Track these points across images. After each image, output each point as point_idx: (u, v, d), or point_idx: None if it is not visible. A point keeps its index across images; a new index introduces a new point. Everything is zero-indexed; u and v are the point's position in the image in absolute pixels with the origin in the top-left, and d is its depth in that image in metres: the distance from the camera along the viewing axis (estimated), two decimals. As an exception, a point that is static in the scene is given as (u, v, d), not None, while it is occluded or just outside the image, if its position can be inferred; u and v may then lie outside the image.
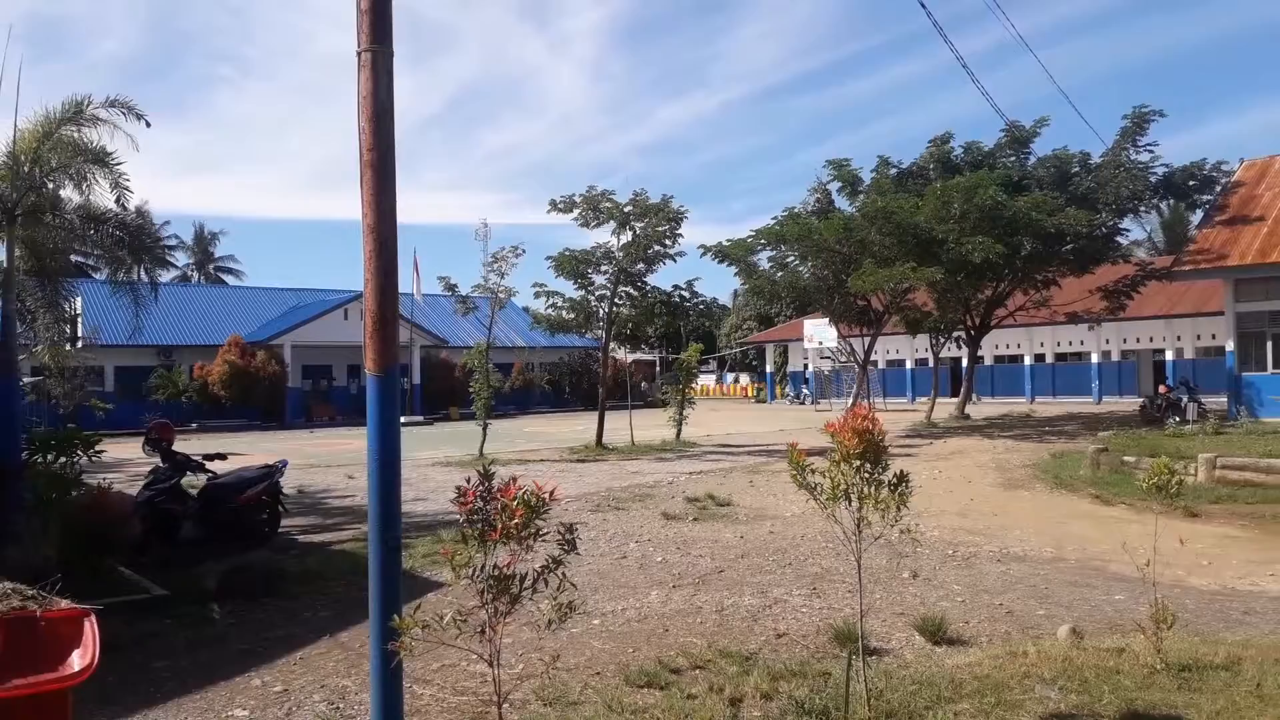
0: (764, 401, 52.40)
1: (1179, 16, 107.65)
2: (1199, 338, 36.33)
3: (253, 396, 35.70)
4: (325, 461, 19.68)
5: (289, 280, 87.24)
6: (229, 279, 66.65)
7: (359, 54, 4.02)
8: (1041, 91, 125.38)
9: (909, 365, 45.04)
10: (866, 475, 4.58)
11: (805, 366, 48.48)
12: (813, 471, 4.68)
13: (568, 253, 21.50)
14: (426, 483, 15.16)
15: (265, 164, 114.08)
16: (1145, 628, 5.33)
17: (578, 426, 29.36)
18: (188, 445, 11.60)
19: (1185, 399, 22.49)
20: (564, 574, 3.90)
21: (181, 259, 67.62)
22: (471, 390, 20.54)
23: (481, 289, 20.36)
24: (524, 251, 19.81)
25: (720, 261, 27.13)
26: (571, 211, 21.21)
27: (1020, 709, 4.63)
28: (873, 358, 32.43)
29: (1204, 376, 31.76)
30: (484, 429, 19.85)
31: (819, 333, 35.42)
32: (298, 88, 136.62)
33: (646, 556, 9.15)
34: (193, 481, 10.19)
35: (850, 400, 27.74)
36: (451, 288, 20.77)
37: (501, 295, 20.25)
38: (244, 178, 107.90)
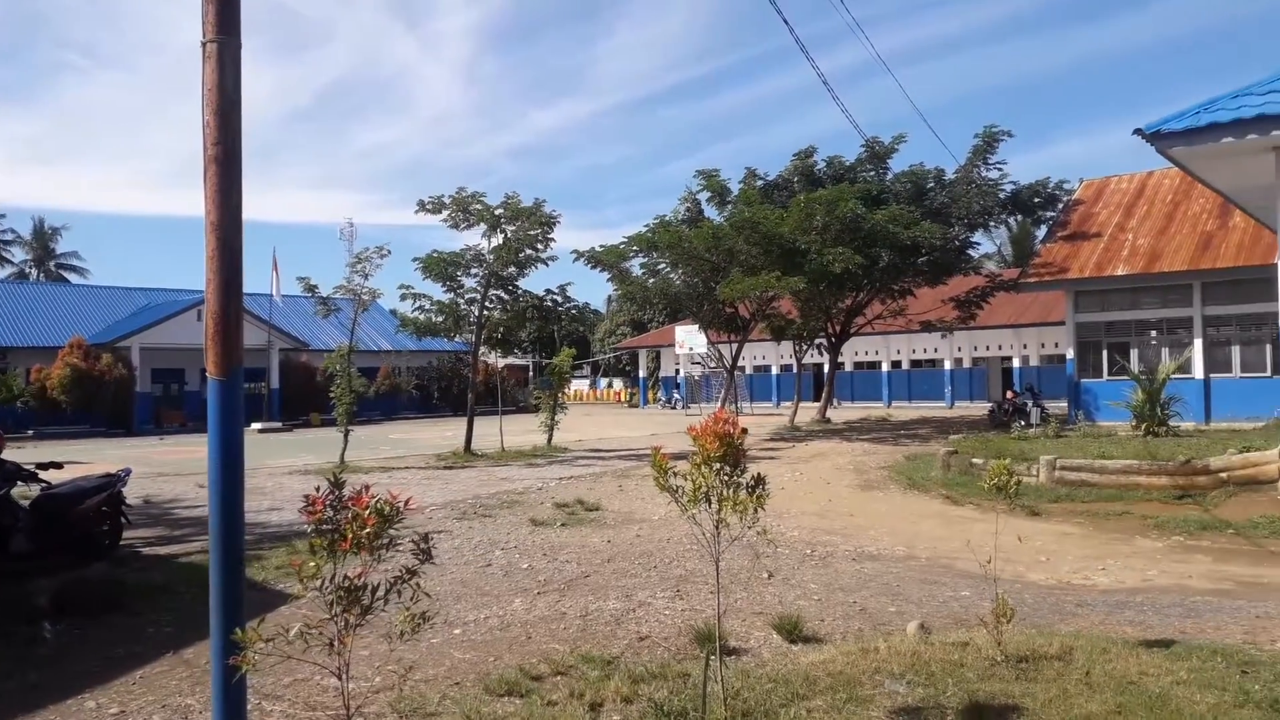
0: (637, 406, 52.83)
1: (1027, 45, 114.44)
2: (1043, 346, 38.62)
3: (97, 402, 33.60)
4: (175, 470, 18.69)
5: (142, 280, 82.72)
6: (72, 277, 62.69)
7: (204, 45, 3.84)
8: (901, 109, 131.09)
9: (775, 371, 46.19)
10: (726, 478, 4.64)
11: (677, 372, 49.11)
12: (675, 475, 4.72)
13: (436, 255, 21.12)
14: (283, 491, 14.59)
15: (119, 157, 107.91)
16: (987, 622, 5.59)
17: (447, 432, 28.86)
18: (21, 454, 10.81)
19: (1030, 404, 23.87)
20: (418, 584, 3.82)
21: (19, 255, 63.20)
22: (333, 395, 19.89)
23: (344, 290, 19.77)
24: (389, 252, 19.34)
25: (593, 267, 27.22)
26: (441, 213, 20.85)
27: (870, 704, 4.78)
28: (740, 363, 33.13)
29: (1047, 382, 33.81)
30: (345, 435, 19.26)
31: (690, 339, 35.86)
32: (157, 79, 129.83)
33: (512, 564, 9.05)
34: (25, 492, 9.49)
35: (719, 405, 28.22)
36: (311, 288, 20.08)
37: (365, 297, 19.70)
38: (95, 171, 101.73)
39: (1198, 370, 23.67)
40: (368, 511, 3.63)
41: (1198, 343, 23.80)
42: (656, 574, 8.48)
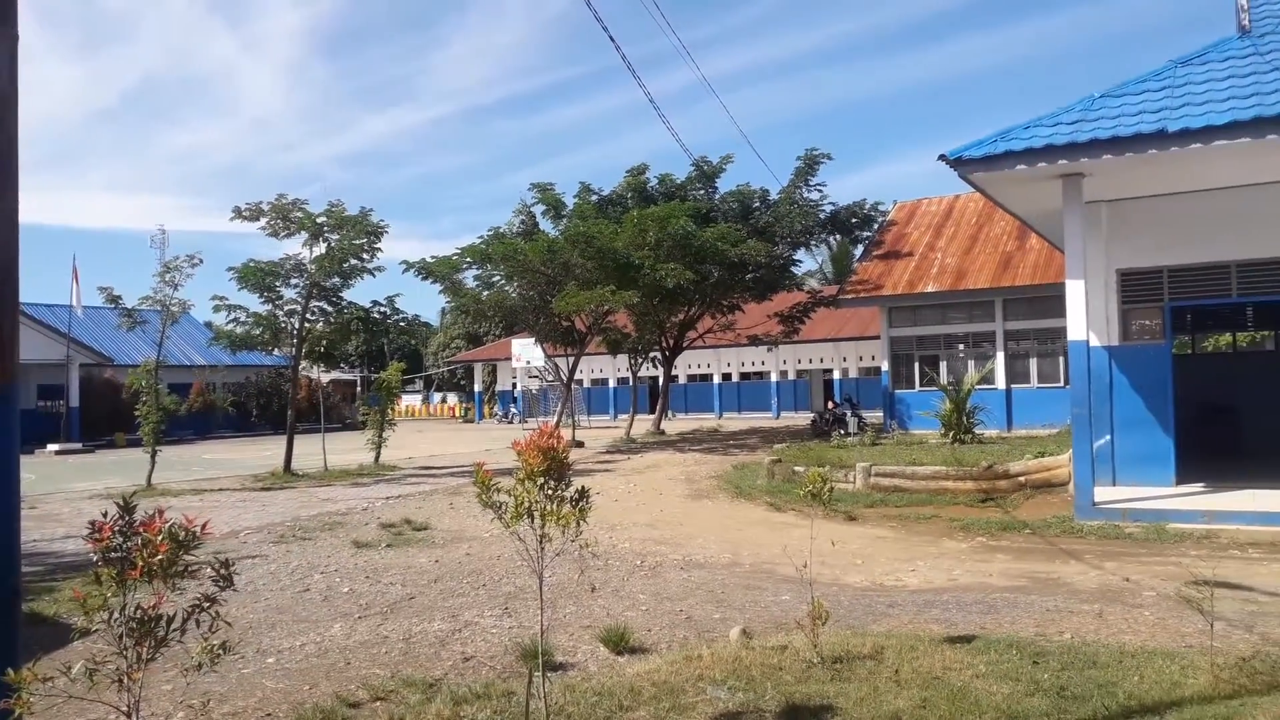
0: (472, 421, 52.01)
1: (845, 73, 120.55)
2: (861, 359, 40.60)
3: None
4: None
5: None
6: None
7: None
8: (728, 130, 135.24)
9: (612, 384, 46.56)
10: (550, 492, 4.62)
11: (514, 386, 48.70)
12: (498, 491, 4.66)
13: (253, 264, 20.13)
14: (80, 518, 13.47)
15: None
16: (804, 625, 5.80)
17: (265, 452, 27.50)
18: None
19: (849, 413, 25.02)
20: (218, 612, 3.60)
21: None
22: (139, 413, 18.58)
23: (152, 301, 18.53)
24: (201, 261, 18.28)
25: (425, 279, 26.65)
26: (259, 220, 19.88)
27: (692, 711, 4.86)
28: (578, 377, 33.21)
29: (865, 393, 35.53)
30: (153, 456, 18.03)
31: (526, 352, 35.64)
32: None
33: (332, 587, 8.70)
34: None
35: (555, 419, 28.17)
36: (115, 299, 18.72)
37: (174, 309, 18.54)
38: None
39: (1000, 381, 25.50)
40: (160, 537, 3.40)
41: (999, 355, 25.67)
42: (485, 592, 8.35)
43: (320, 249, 20.28)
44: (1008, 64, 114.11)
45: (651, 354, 32.21)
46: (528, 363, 33.08)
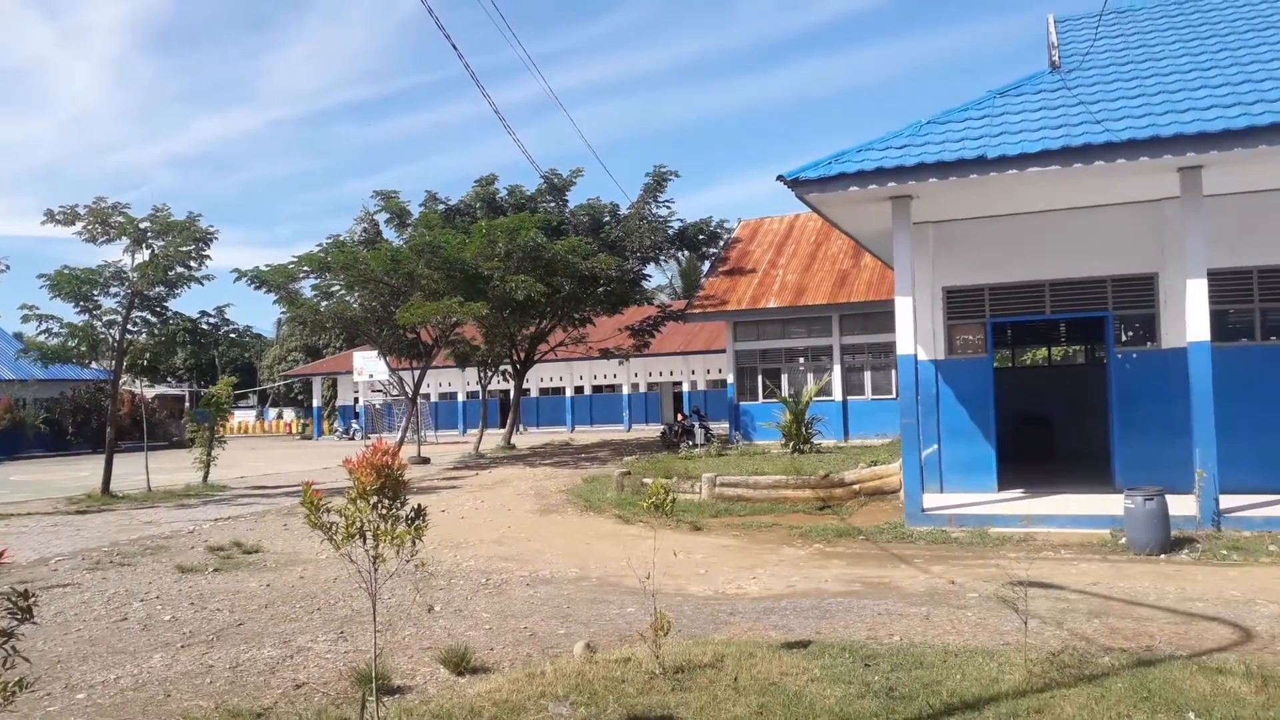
0: (311, 438, 50.03)
1: (693, 92, 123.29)
2: (709, 371, 41.49)
3: None
4: None
5: None
6: None
7: None
8: (581, 144, 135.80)
9: (461, 398, 45.81)
10: (384, 511, 4.47)
11: (356, 400, 47.18)
12: (328, 511, 4.48)
13: (67, 271, 18.73)
14: None
15: None
16: (648, 637, 5.83)
17: (82, 472, 25.60)
18: None
19: (697, 425, 25.49)
20: (14, 648, 3.31)
21: None
22: (-67, 432, 16.95)
23: (-52, 310, 16.96)
24: (7, 268, 16.89)
25: (259, 288, 25.45)
26: (74, 224, 18.53)
27: (533, 729, 4.79)
28: (424, 391, 32.51)
29: (712, 405, 36.32)
30: (-50, 479, 16.49)
31: (369, 365, 34.72)
32: None
33: (153, 615, 8.16)
34: None
35: (400, 434, 27.44)
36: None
37: (-24, 318, 17.02)
38: None
39: (837, 393, 26.55)
40: (-62, 569, 3.10)
41: (836, 369, 26.74)
42: (319, 616, 8.01)
43: (143, 256, 19.08)
44: (847, 88, 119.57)
45: (502, 367, 31.90)
46: (370, 376, 32.22)
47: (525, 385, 37.68)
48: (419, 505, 4.53)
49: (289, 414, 61.58)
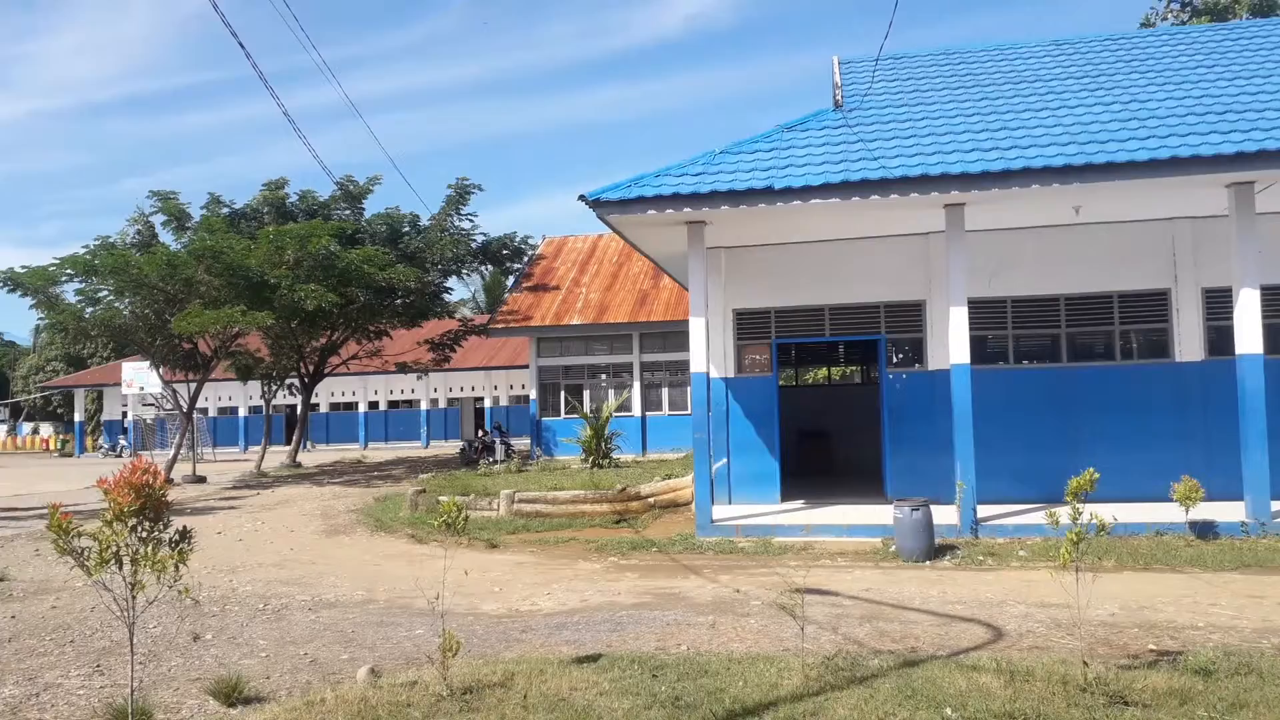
0: (72, 455, 45.75)
1: (499, 107, 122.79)
2: (512, 387, 41.27)
3: None
4: None
5: None
6: None
7: None
8: (380, 153, 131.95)
9: (243, 413, 43.28)
10: (145, 534, 4.15)
11: (125, 414, 43.58)
12: (79, 535, 4.11)
13: None
14: None
15: None
16: (435, 658, 5.70)
17: None
18: None
19: (498, 441, 25.25)
20: None
21: None
22: None
23: None
24: None
25: (13, 291, 23.06)
26: None
27: (309, 761, 4.57)
28: (202, 404, 30.47)
29: (515, 421, 36.15)
30: None
31: (140, 377, 32.06)
32: None
33: None
34: None
35: (173, 451, 25.57)
36: None
37: None
38: None
39: (637, 409, 27.09)
40: None
41: (636, 385, 27.30)
42: (73, 649, 7.32)
43: None
44: (649, 114, 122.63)
45: (289, 380, 30.42)
46: (141, 389, 29.81)
47: (315, 400, 36.13)
48: (185, 527, 4.24)
49: (46, 429, 56.10)
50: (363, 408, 42.96)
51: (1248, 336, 10.78)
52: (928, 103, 13.31)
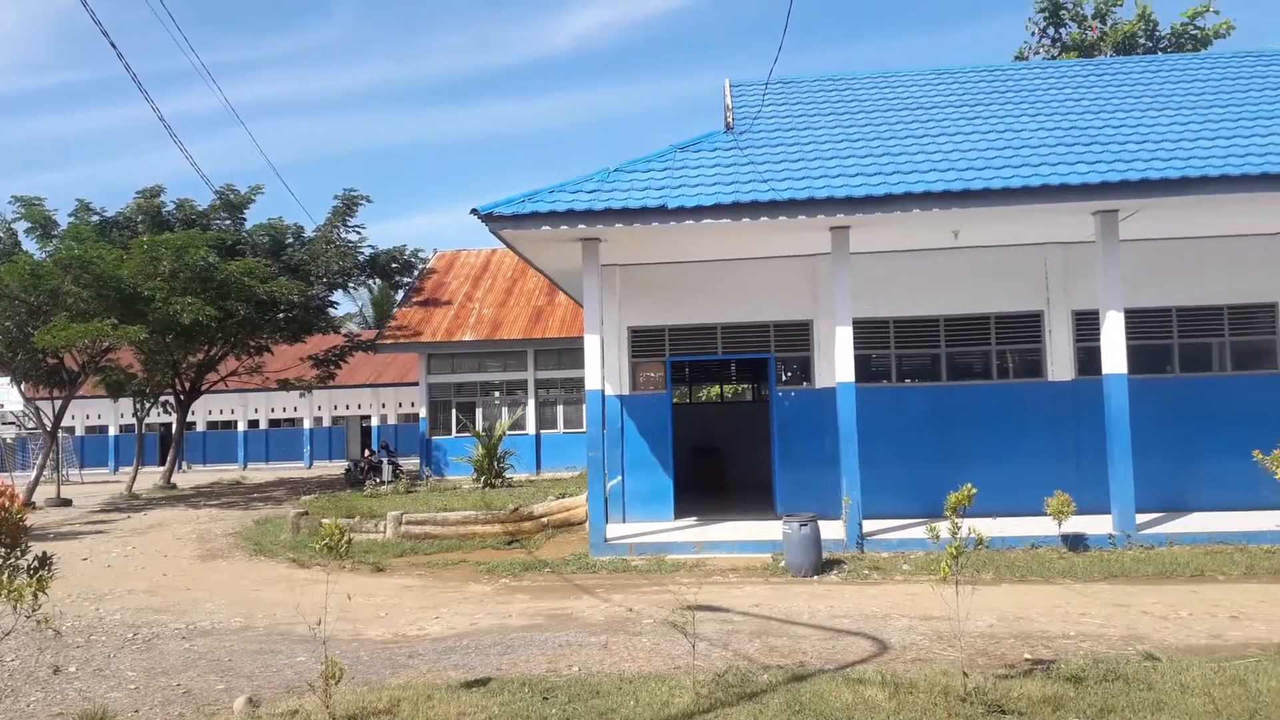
0: (-84, 478, 42.71)
1: (389, 116, 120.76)
2: (401, 405, 40.46)
3: None
4: None
5: None
6: None
7: None
8: (261, 160, 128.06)
9: (113, 432, 41.20)
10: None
11: (-21, 434, 40.93)
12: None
13: None
14: None
15: None
16: (317, 686, 5.53)
17: None
18: None
19: (385, 461, 24.71)
20: None
21: None
22: None
23: None
24: None
25: None
26: None
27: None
28: (68, 423, 28.88)
29: (405, 440, 35.47)
30: None
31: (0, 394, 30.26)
32: None
33: None
34: None
35: (36, 473, 24.12)
36: None
37: None
38: None
39: (531, 427, 26.93)
40: None
41: (531, 403, 27.14)
42: (-84, 689, 6.81)
43: None
44: (542, 129, 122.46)
45: (163, 398, 29.12)
46: (1, 406, 28.10)
47: (191, 418, 34.74)
48: (45, 553, 4.01)
49: (-112, 450, 52.17)
50: (242, 426, 41.44)
51: (1113, 357, 11.44)
52: (815, 127, 13.72)
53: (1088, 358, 13.35)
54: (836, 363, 11.77)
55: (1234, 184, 10.69)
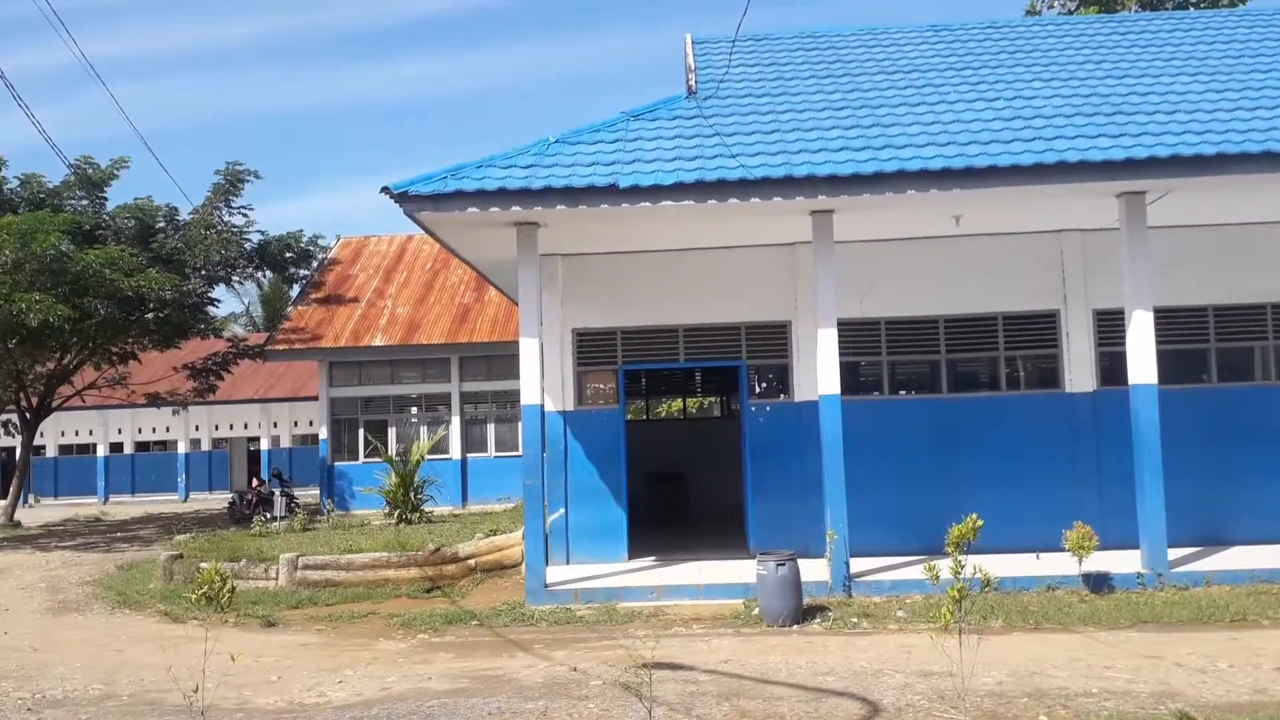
0: None
1: (283, 77, 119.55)
2: (296, 424, 40.06)
3: None
4: None
5: None
6: None
7: None
8: (123, 127, 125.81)
9: (-57, 458, 40.32)
10: None
11: None
12: None
13: None
14: None
15: None
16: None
17: None
18: None
19: (278, 493, 24.42)
20: None
21: None
22: None
23: None
24: None
25: None
26: None
27: None
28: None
29: (300, 467, 35.09)
30: None
31: None
32: None
33: None
34: None
35: None
36: None
37: None
38: None
39: (455, 450, 26.84)
40: None
41: (455, 421, 27.06)
42: None
43: None
44: (469, 93, 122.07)
45: (5, 417, 28.53)
46: None
47: (39, 441, 33.98)
48: None
49: None
50: (103, 450, 40.70)
51: (1141, 364, 11.67)
52: (792, 92, 13.85)
53: (1111, 365, 13.61)
54: (819, 372, 11.88)
55: (1280, 161, 10.94)
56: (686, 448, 20.09)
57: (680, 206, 11.25)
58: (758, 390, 14.34)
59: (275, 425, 40.29)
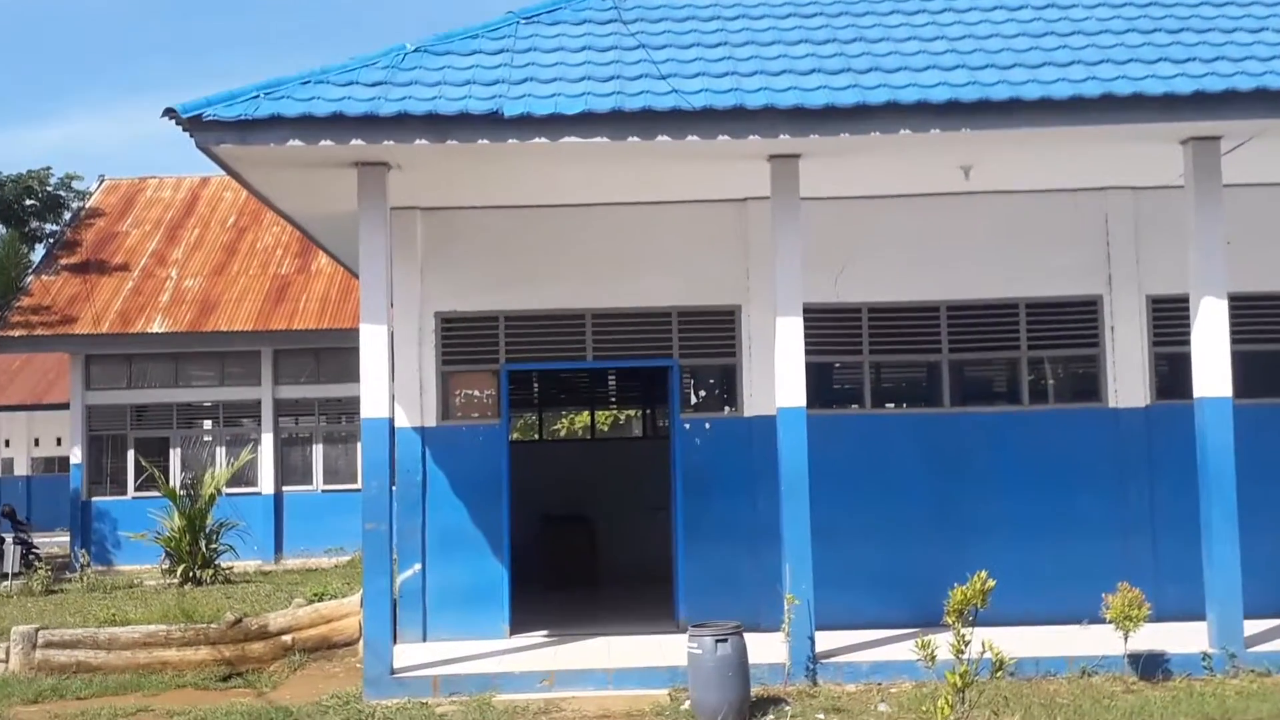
0: None
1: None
2: (37, 442, 39.32)
3: None
4: None
5: None
6: None
7: None
8: None
9: None
10: None
11: None
12: None
13: None
14: None
15: None
16: None
17: None
18: None
19: (9, 539, 23.94)
20: None
21: None
22: None
23: None
24: None
25: None
26: None
27: None
28: None
29: (45, 502, 34.46)
30: None
31: None
32: None
33: None
34: None
35: None
36: None
37: None
38: None
39: (267, 480, 26.55)
40: None
41: (268, 439, 26.72)
42: None
43: None
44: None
45: None
46: None
47: None
48: None
49: None
50: None
51: (1211, 370, 11.89)
52: (746, -11, 13.87)
53: (1171, 371, 13.88)
54: (778, 375, 11.99)
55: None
56: (594, 479, 20.05)
57: (589, 144, 11.21)
58: (694, 400, 14.43)
59: (6, 444, 39.50)
